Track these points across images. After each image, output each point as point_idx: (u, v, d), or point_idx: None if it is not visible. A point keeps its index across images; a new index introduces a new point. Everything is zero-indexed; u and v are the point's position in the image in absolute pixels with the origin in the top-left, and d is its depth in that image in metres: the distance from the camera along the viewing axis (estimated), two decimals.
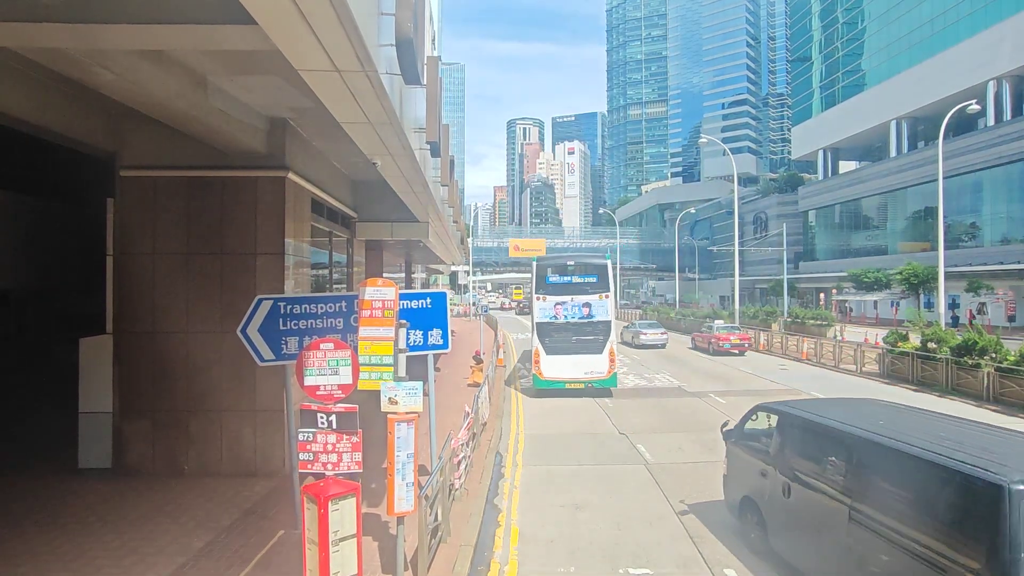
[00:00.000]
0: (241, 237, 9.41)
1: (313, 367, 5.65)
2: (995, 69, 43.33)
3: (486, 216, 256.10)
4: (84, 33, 5.02)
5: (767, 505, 6.63)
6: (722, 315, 37.51)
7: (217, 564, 6.44)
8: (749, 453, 7.12)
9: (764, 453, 6.79)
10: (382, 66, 5.21)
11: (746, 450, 7.22)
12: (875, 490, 5.15)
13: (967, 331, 17.88)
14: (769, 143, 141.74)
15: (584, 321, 16.19)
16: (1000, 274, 40.13)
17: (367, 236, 15.26)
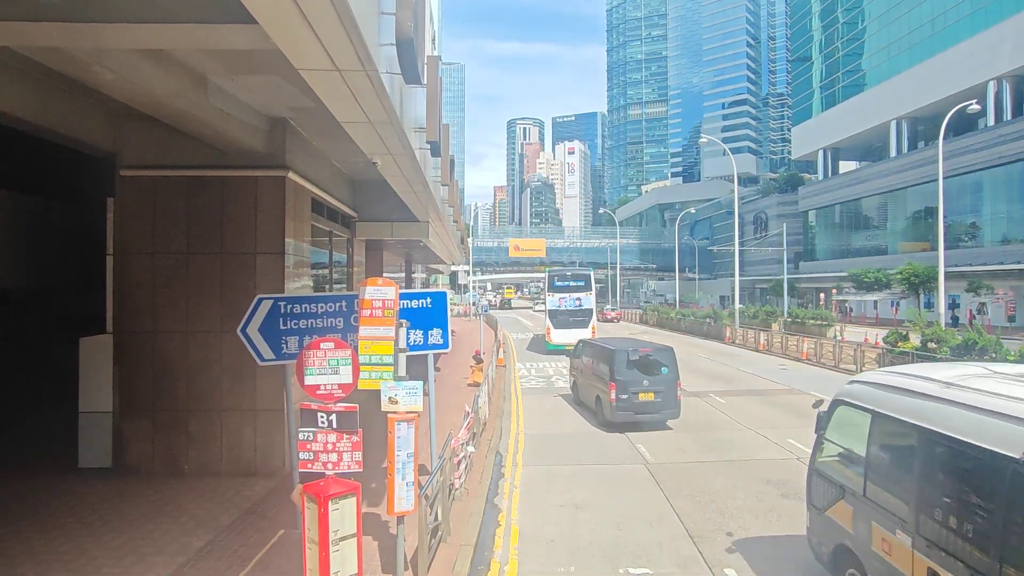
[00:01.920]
0: (241, 237, 9.41)
1: (313, 366, 5.64)
2: (995, 69, 43.32)
3: (486, 216, 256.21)
4: (84, 32, 5.01)
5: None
6: (722, 315, 37.52)
7: (217, 564, 6.44)
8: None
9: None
10: (382, 65, 5.20)
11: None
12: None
13: (967, 331, 17.89)
14: (769, 143, 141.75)
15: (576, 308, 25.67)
16: (1000, 274, 40.13)
17: (367, 236, 15.26)
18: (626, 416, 12.94)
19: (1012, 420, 3.86)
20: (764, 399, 16.62)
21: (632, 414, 12.93)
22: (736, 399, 16.53)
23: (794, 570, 6.45)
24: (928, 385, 4.77)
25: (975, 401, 4.23)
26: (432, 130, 8.42)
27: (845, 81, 64.02)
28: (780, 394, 17.41)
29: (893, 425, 4.95)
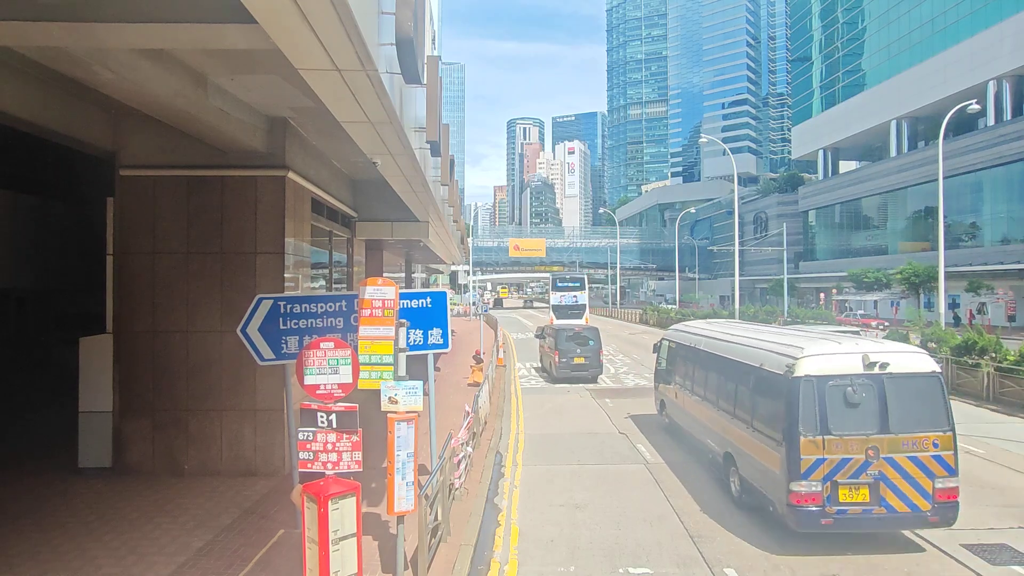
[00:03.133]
0: (241, 236, 9.41)
1: (313, 366, 5.64)
2: (995, 69, 43.33)
3: (486, 216, 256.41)
4: (84, 32, 5.02)
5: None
6: (722, 315, 37.53)
7: (217, 563, 6.44)
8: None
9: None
10: (382, 65, 5.21)
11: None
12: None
13: (967, 331, 17.88)
14: (769, 143, 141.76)
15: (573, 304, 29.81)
16: (1000, 274, 40.14)
17: (367, 235, 15.26)
18: (566, 373, 19.30)
19: (702, 336, 10.54)
20: None
21: (569, 372, 19.31)
22: None
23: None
24: (687, 328, 12.01)
25: (693, 329, 11.41)
26: (432, 130, 8.42)
27: (845, 81, 64.02)
28: None
29: (676, 346, 11.93)
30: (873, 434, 6.76)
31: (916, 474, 6.72)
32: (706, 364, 10.02)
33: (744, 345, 8.84)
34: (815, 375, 6.93)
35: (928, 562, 6.69)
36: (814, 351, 7.18)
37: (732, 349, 9.17)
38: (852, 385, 6.86)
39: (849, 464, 6.74)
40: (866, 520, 6.78)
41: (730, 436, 8.74)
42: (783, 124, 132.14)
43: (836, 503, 6.72)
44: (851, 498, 6.71)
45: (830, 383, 6.89)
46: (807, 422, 6.78)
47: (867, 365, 6.99)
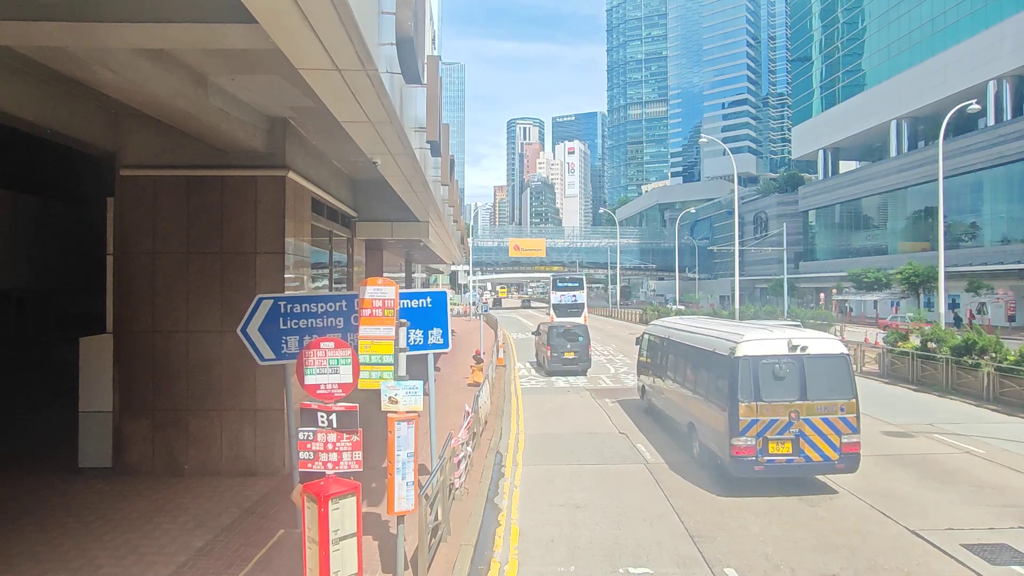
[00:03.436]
0: (241, 236, 9.41)
1: (313, 366, 5.64)
2: (995, 69, 43.33)
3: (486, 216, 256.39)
4: (84, 31, 5.02)
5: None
6: (722, 315, 37.53)
7: (217, 563, 6.44)
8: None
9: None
10: (382, 65, 5.21)
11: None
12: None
13: (967, 331, 17.88)
14: (769, 143, 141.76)
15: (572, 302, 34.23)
16: (1000, 274, 40.14)
17: (367, 235, 15.26)
18: (557, 367, 20.84)
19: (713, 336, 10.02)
20: None
21: (561, 366, 20.80)
22: None
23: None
24: (661, 323, 13.92)
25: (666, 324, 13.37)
26: (432, 130, 8.42)
27: (845, 81, 64.03)
28: None
29: (653, 338, 13.60)
30: (795, 400, 8.71)
31: (827, 432, 8.67)
32: (675, 352, 12.06)
33: (701, 335, 10.80)
34: (751, 355, 8.85)
35: (928, 562, 6.69)
36: (750, 337, 9.12)
37: (693, 338, 11.13)
38: (779, 363, 8.81)
39: (776, 424, 8.66)
40: (788, 467, 8.70)
41: (691, 408, 10.79)
42: (783, 124, 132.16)
43: (766, 454, 8.65)
44: (778, 450, 8.67)
45: (762, 361, 8.81)
46: (744, 391, 8.71)
47: (791, 348, 8.92)
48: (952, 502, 8.52)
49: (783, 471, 8.73)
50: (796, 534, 7.43)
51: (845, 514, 8.09)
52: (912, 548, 7.05)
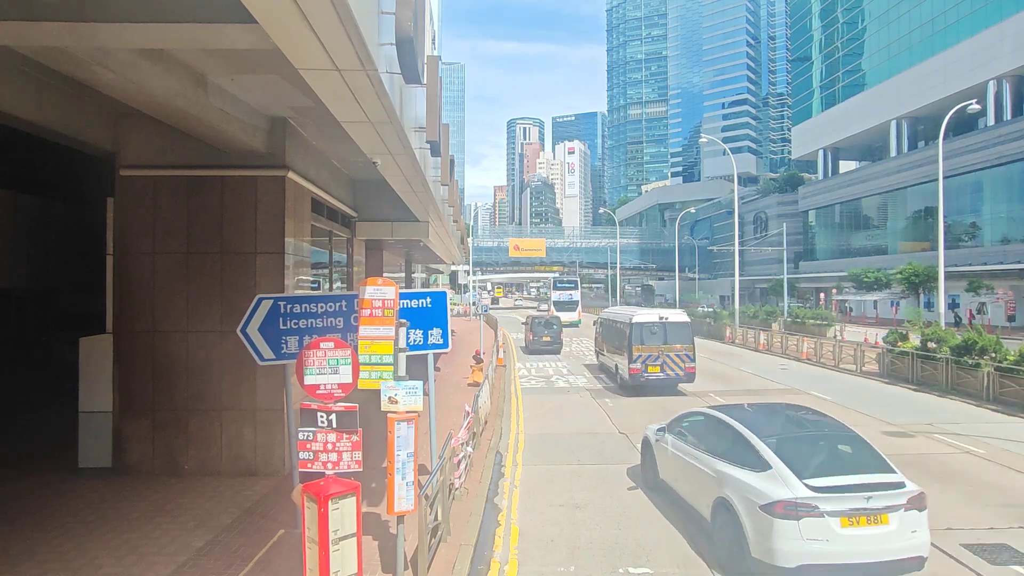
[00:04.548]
0: (241, 236, 9.41)
1: (313, 366, 5.64)
2: (995, 69, 43.31)
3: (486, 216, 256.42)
4: (84, 32, 5.02)
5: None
6: (722, 315, 37.53)
7: (217, 563, 6.44)
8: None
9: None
10: (382, 65, 5.21)
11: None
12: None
13: (967, 331, 17.88)
14: (769, 143, 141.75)
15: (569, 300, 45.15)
16: (1000, 274, 40.12)
17: (367, 235, 15.27)
18: (537, 347, 27.93)
19: (625, 316, 17.92)
20: (764, 399, 16.60)
21: (539, 347, 27.86)
22: (736, 399, 16.51)
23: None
24: (607, 311, 22.22)
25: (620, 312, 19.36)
26: (432, 130, 8.43)
27: (845, 81, 64.01)
28: (780, 394, 17.40)
29: (606, 322, 21.07)
30: (660, 344, 16.69)
31: (678, 360, 16.61)
32: (609, 326, 20.33)
33: (620, 315, 18.94)
34: (638, 322, 16.92)
35: (928, 562, 6.68)
36: (640, 313, 17.61)
37: (616, 317, 19.39)
38: (653, 326, 16.84)
39: (650, 357, 16.63)
40: (659, 379, 16.73)
41: (615, 356, 18.98)
42: (783, 124, 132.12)
43: (646, 372, 16.66)
44: (652, 370, 16.65)
45: (644, 325, 16.87)
46: (635, 340, 16.72)
47: (659, 318, 17.11)
48: (952, 502, 8.52)
49: (655, 381, 16.72)
50: None
51: None
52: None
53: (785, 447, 6.43)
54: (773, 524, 5.82)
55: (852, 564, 5.72)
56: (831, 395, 16.93)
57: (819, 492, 5.84)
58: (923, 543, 5.90)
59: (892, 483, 6.03)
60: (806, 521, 5.75)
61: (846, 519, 5.77)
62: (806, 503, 5.78)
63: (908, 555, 5.83)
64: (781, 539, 5.77)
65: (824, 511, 5.77)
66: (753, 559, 6.00)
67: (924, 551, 5.91)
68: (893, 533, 5.79)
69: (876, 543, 5.76)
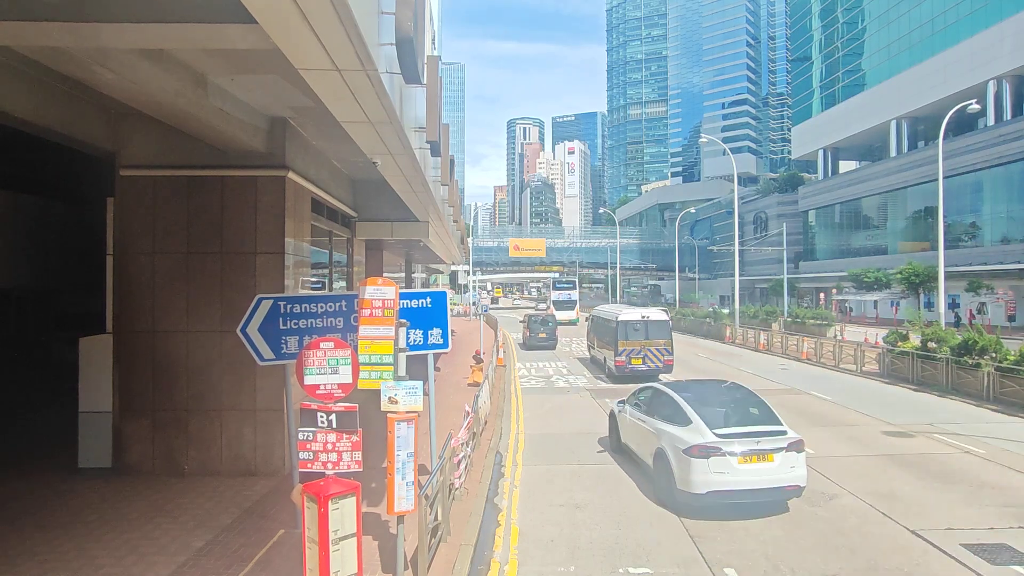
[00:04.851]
0: (241, 236, 9.41)
1: (313, 366, 5.64)
2: (995, 69, 43.31)
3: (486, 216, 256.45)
4: (84, 32, 5.02)
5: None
6: (722, 315, 37.53)
7: (217, 563, 6.44)
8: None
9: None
10: (382, 65, 5.21)
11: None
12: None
13: (967, 331, 17.87)
14: (769, 143, 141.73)
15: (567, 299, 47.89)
16: (1000, 274, 40.11)
17: (367, 235, 15.26)
18: (533, 343, 29.89)
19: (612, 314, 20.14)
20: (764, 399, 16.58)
21: (535, 342, 29.81)
22: None
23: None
24: (596, 309, 24.66)
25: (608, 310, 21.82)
26: (432, 130, 8.43)
27: (845, 81, 64.00)
28: (780, 393, 17.39)
29: (596, 319, 23.06)
30: (642, 339, 18.73)
31: (657, 354, 18.71)
32: (599, 322, 22.37)
33: (608, 312, 21.22)
34: (623, 320, 18.85)
35: (928, 562, 6.69)
36: (624, 311, 19.82)
37: (605, 315, 21.53)
38: (636, 323, 18.83)
39: (634, 350, 18.72)
40: (641, 370, 18.54)
41: (604, 350, 21.00)
42: (783, 124, 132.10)
43: (630, 364, 18.75)
44: (635, 362, 18.76)
45: (628, 322, 18.81)
46: (620, 335, 18.72)
47: (641, 316, 19.17)
48: (952, 502, 8.52)
49: (638, 372, 18.44)
50: (796, 534, 7.43)
51: (845, 514, 8.09)
52: (912, 548, 7.05)
53: (703, 408, 8.48)
54: (690, 463, 7.85)
55: (745, 490, 7.75)
56: (831, 395, 16.92)
57: (723, 438, 7.87)
58: (801, 476, 7.94)
59: (778, 432, 8.12)
60: (713, 459, 7.76)
61: (742, 458, 7.77)
62: (713, 446, 7.81)
63: (789, 484, 7.87)
64: (695, 473, 7.79)
65: (726, 452, 7.77)
66: (678, 490, 8.03)
67: (802, 482, 7.95)
68: (777, 468, 7.83)
69: (764, 475, 7.79)
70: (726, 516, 7.83)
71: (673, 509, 8.15)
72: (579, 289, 42.98)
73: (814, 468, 10.11)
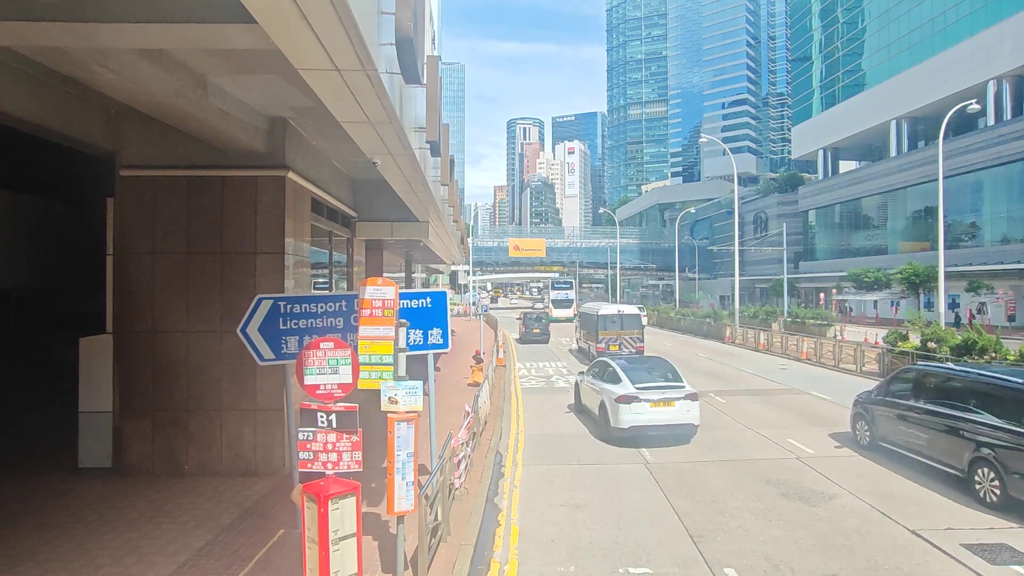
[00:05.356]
0: (241, 236, 9.41)
1: (313, 366, 5.64)
2: (995, 69, 43.31)
3: (486, 216, 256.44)
4: (84, 32, 5.01)
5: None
6: (722, 315, 37.53)
7: (217, 563, 6.44)
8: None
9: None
10: (382, 65, 5.20)
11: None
12: None
13: (967, 331, 17.87)
14: (769, 143, 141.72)
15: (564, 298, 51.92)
16: (1000, 274, 40.12)
17: (367, 235, 15.26)
18: (528, 337, 33.45)
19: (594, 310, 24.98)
20: (764, 399, 16.62)
21: (530, 337, 33.36)
22: (736, 399, 16.54)
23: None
24: (585, 306, 29.66)
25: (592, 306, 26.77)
26: (432, 130, 8.42)
27: (845, 81, 64.00)
28: (780, 394, 17.40)
29: (582, 315, 28.08)
30: (619, 330, 22.75)
31: (631, 341, 22.66)
32: (584, 317, 26.55)
33: (590, 308, 25.68)
34: (603, 314, 23.31)
35: (928, 562, 6.69)
36: (603, 307, 24.56)
37: (588, 310, 25.72)
38: (613, 317, 23.15)
39: (611, 339, 22.57)
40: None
41: (589, 340, 24.51)
42: (783, 124, 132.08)
43: (608, 351, 21.62)
44: (613, 348, 22.10)
45: (607, 316, 23.20)
46: (600, 327, 22.92)
47: (618, 311, 23.68)
48: (952, 502, 8.52)
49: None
50: (796, 534, 7.43)
51: (845, 514, 8.09)
52: (912, 548, 7.05)
53: (631, 373, 12.20)
54: (619, 407, 11.53)
55: (655, 425, 11.45)
56: (831, 395, 16.92)
57: (640, 390, 11.55)
58: (695, 416, 11.69)
59: (679, 387, 11.87)
60: (633, 404, 11.45)
61: (652, 403, 11.45)
62: (633, 395, 11.48)
63: (686, 422, 11.61)
64: (622, 414, 11.49)
65: (642, 399, 11.44)
66: (612, 427, 11.75)
67: (696, 421, 11.72)
68: (677, 411, 11.53)
69: (668, 415, 11.50)
70: (644, 444, 11.51)
71: (608, 441, 11.85)
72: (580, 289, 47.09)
73: (814, 468, 10.13)
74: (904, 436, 10.06)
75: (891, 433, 10.42)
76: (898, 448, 10.21)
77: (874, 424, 10.92)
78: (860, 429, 11.38)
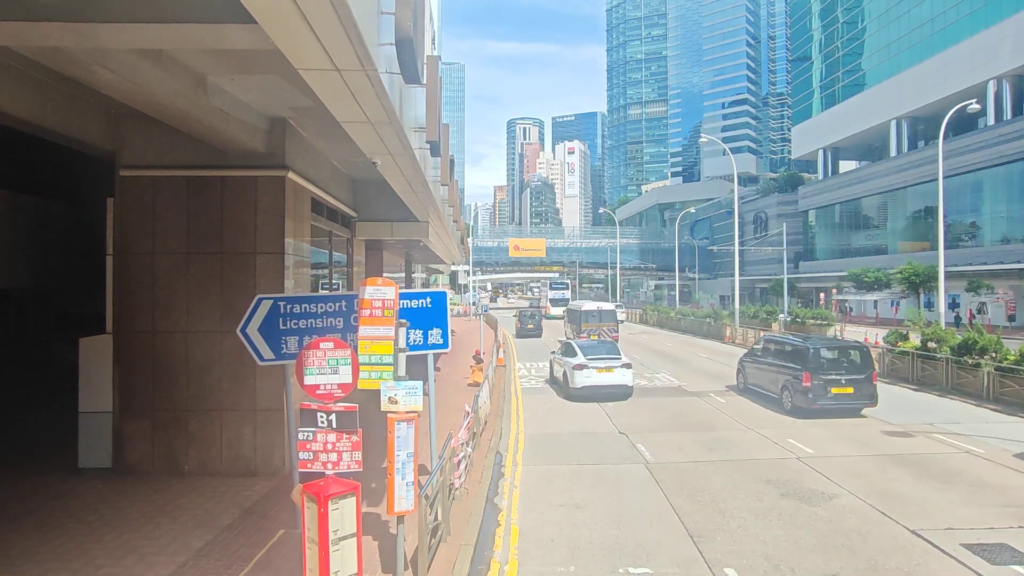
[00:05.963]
0: (241, 236, 9.41)
1: (313, 366, 5.64)
2: (995, 69, 43.30)
3: (486, 216, 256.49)
4: (84, 32, 5.02)
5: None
6: (722, 315, 37.52)
7: (217, 564, 6.44)
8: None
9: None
10: (382, 65, 5.20)
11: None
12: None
13: (967, 330, 17.87)
14: (769, 143, 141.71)
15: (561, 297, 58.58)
16: (1000, 274, 40.11)
17: (367, 235, 15.26)
18: (523, 332, 37.66)
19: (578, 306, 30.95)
20: (763, 399, 16.61)
21: (525, 332, 37.50)
22: (736, 399, 16.54)
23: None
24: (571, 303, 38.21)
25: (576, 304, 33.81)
26: (432, 130, 8.42)
27: (845, 81, 63.98)
28: None
29: (568, 311, 33.87)
30: (599, 323, 27.54)
31: (608, 331, 26.83)
32: (572, 313, 31.29)
33: (576, 305, 31.91)
34: (584, 310, 28.76)
35: (928, 562, 6.69)
36: (586, 304, 31.16)
37: (574, 307, 31.80)
38: (593, 312, 28.47)
39: (592, 330, 26.79)
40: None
41: (574, 332, 28.76)
42: (783, 124, 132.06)
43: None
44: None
45: (588, 311, 28.51)
46: (583, 321, 27.78)
47: (597, 308, 29.15)
48: (952, 502, 8.52)
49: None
50: (796, 534, 7.43)
51: (845, 514, 8.10)
52: (912, 548, 7.05)
53: (584, 350, 16.89)
54: (574, 373, 16.12)
55: (600, 386, 15.93)
56: None
57: (590, 360, 16.21)
58: (630, 380, 16.33)
59: (617, 358, 16.46)
60: (584, 371, 16.00)
61: (598, 370, 16.00)
62: (584, 364, 16.13)
63: (622, 383, 16.15)
64: (577, 379, 16.05)
65: (591, 367, 16.05)
66: (570, 387, 16.29)
67: (630, 383, 16.35)
68: (616, 376, 16.08)
69: (609, 379, 16.05)
70: (594, 400, 15.84)
71: (569, 399, 16.30)
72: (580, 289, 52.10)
73: (814, 468, 10.13)
74: (757, 379, 16.49)
75: (752, 378, 16.79)
76: (756, 388, 16.45)
77: (744, 374, 17.34)
78: (740, 379, 17.62)
